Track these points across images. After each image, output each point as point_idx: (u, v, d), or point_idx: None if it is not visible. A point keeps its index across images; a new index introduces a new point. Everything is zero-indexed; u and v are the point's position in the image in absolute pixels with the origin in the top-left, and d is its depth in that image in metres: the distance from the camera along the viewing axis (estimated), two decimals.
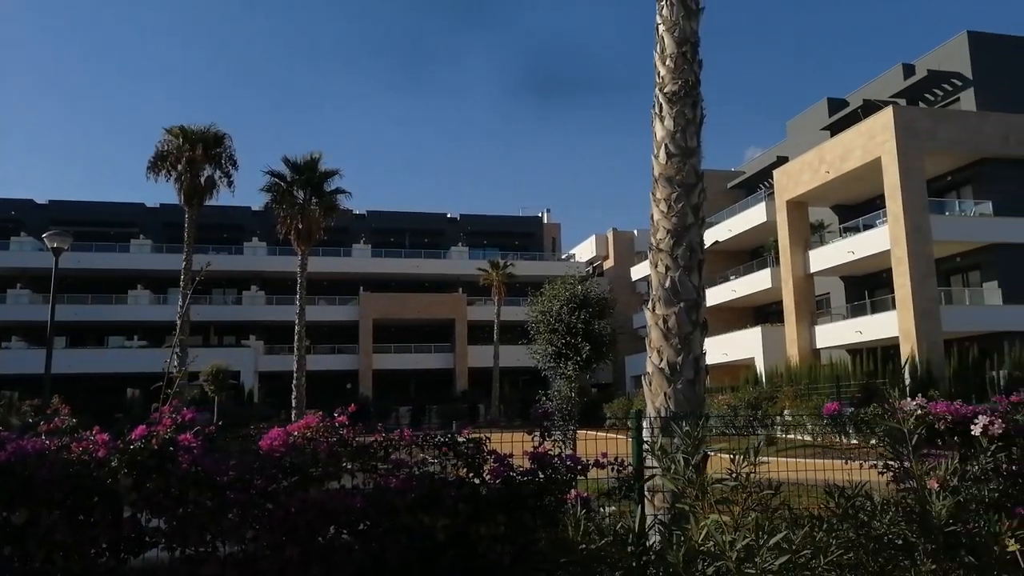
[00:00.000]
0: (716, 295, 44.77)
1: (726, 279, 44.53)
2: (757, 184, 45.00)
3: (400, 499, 3.84)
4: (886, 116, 30.75)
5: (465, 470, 4.20)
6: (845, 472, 5.03)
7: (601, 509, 4.70)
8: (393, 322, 54.67)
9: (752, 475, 3.82)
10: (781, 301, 37.10)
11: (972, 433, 4.40)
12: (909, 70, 36.47)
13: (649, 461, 4.52)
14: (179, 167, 32.12)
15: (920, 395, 4.56)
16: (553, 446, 4.30)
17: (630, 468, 4.39)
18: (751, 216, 41.85)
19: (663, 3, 6.16)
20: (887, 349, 30.82)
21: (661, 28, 6.22)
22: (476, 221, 63.43)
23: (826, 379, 29.89)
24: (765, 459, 3.84)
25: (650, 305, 6.03)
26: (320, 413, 4.23)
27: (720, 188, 48.51)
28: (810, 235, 37.46)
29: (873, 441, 5.13)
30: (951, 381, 27.30)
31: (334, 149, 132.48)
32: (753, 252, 44.25)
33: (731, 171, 50.57)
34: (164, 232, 53.64)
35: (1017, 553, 3.69)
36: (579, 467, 4.11)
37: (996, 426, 4.35)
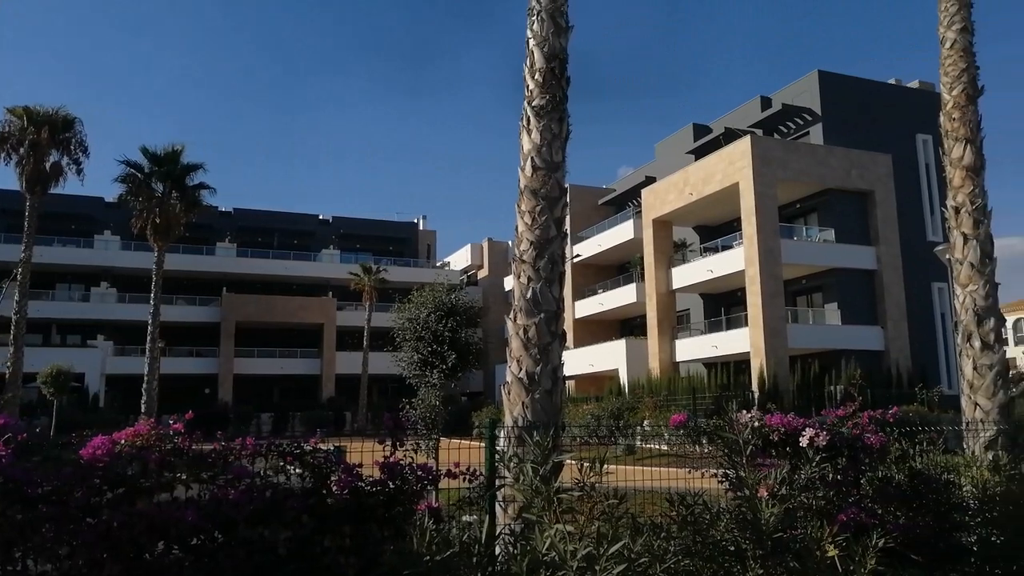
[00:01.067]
0: (585, 308, 46.04)
1: (594, 292, 45.86)
2: (626, 202, 46.68)
3: (238, 512, 3.65)
4: (744, 144, 32.72)
5: (312, 480, 4.05)
6: (691, 481, 5.24)
7: (462, 519, 4.66)
8: (258, 325, 52.56)
9: (599, 485, 3.90)
10: (645, 315, 38.57)
11: (800, 444, 4.69)
12: (766, 102, 38.98)
13: (503, 471, 4.54)
14: (20, 151, 29.59)
15: (756, 408, 4.81)
16: (404, 456, 4.22)
17: (482, 478, 4.38)
18: (620, 232, 43.33)
19: (534, 18, 6.26)
20: (739, 363, 32.69)
21: (531, 43, 6.31)
22: (349, 224, 62.18)
23: (684, 391, 31.34)
24: (611, 469, 3.93)
25: (512, 315, 6.08)
26: (153, 420, 3.96)
27: (592, 204, 49.97)
28: (673, 253, 39.20)
29: (709, 450, 5.39)
30: (795, 394, 29.28)
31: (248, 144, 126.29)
32: (621, 267, 45.81)
33: (603, 188, 52.18)
34: (1, 220, 49.23)
35: (835, 558, 3.96)
36: (430, 477, 4.05)
37: (821, 438, 4.65)
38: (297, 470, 4.10)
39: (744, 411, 4.65)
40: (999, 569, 5.49)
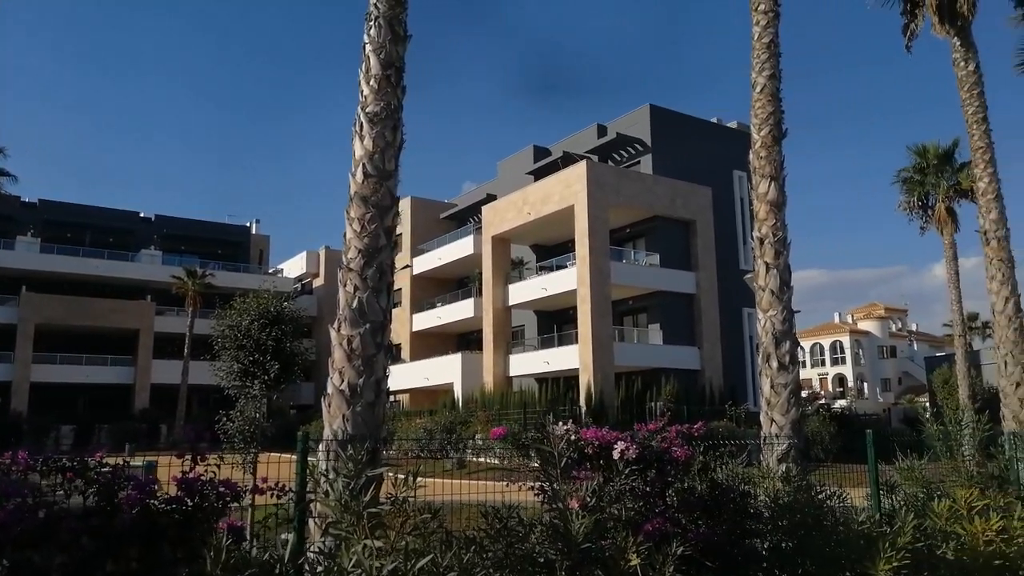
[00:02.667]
0: (423, 321, 45.86)
1: (433, 306, 45.81)
2: (468, 217, 47.13)
3: (3, 533, 3.24)
4: (581, 169, 34.06)
5: (97, 499, 3.68)
6: (515, 494, 5.28)
7: (280, 537, 4.42)
8: (63, 329, 47.90)
9: (413, 499, 3.83)
10: (482, 330, 38.99)
11: (612, 457, 4.86)
12: (602, 130, 40.83)
13: (322, 485, 4.35)
14: None
15: (572, 421, 4.93)
16: (207, 471, 3.94)
17: (292, 494, 4.17)
18: (460, 247, 43.63)
19: (371, 24, 6.15)
20: (569, 379, 33.77)
21: (368, 48, 6.20)
22: (174, 224, 58.31)
23: (516, 405, 31.89)
24: (440, 483, 3.87)
25: (335, 325, 5.89)
26: None
27: (434, 218, 50.01)
28: (511, 270, 39.98)
29: (535, 464, 5.48)
30: (619, 409, 30.64)
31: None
32: (460, 282, 46.10)
33: (445, 202, 52.39)
34: None
35: (638, 566, 4.11)
36: (232, 493, 3.80)
37: (631, 451, 4.84)
38: (79, 488, 3.71)
39: (560, 424, 4.75)
40: (787, 573, 5.93)
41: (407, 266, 45.86)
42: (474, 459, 27.11)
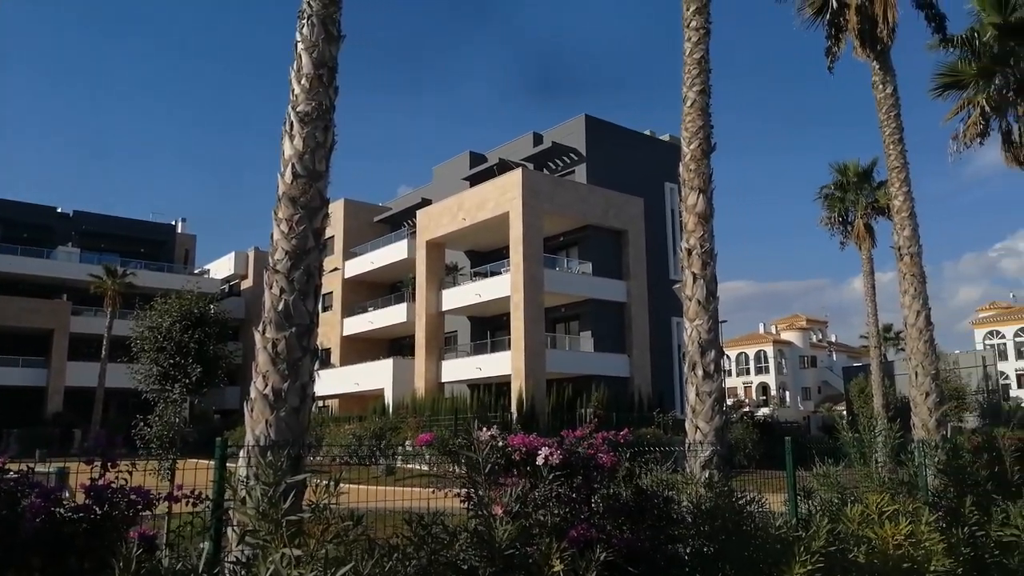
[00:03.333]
0: (354, 325, 45.25)
1: (365, 310, 45.26)
2: (402, 221, 46.77)
3: None
4: (516, 176, 34.23)
5: None
6: (443, 501, 5.24)
7: (199, 546, 4.27)
8: None
9: (335, 506, 3.76)
10: (415, 335, 38.71)
11: (537, 463, 4.88)
12: (538, 139, 41.14)
13: (241, 492, 4.23)
14: None
15: (496, 427, 4.93)
16: (118, 477, 3.79)
17: (209, 501, 4.05)
18: (393, 251, 43.26)
19: (304, 22, 6.05)
20: (501, 385, 33.82)
21: (300, 46, 6.09)
22: (94, 220, 56.09)
23: (447, 411, 31.77)
24: (345, 488, 3.80)
25: (260, 328, 5.75)
26: None
27: (368, 221, 49.46)
28: (445, 275, 39.84)
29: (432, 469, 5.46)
30: (550, 415, 30.82)
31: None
32: (393, 286, 45.67)
33: (379, 206, 51.87)
34: None
35: (562, 572, 4.13)
36: (144, 501, 3.66)
37: (555, 457, 4.87)
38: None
39: (485, 430, 4.74)
40: None
41: (336, 269, 45.20)
42: (404, 465, 26.87)
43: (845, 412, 46.67)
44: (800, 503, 8.37)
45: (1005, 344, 65.84)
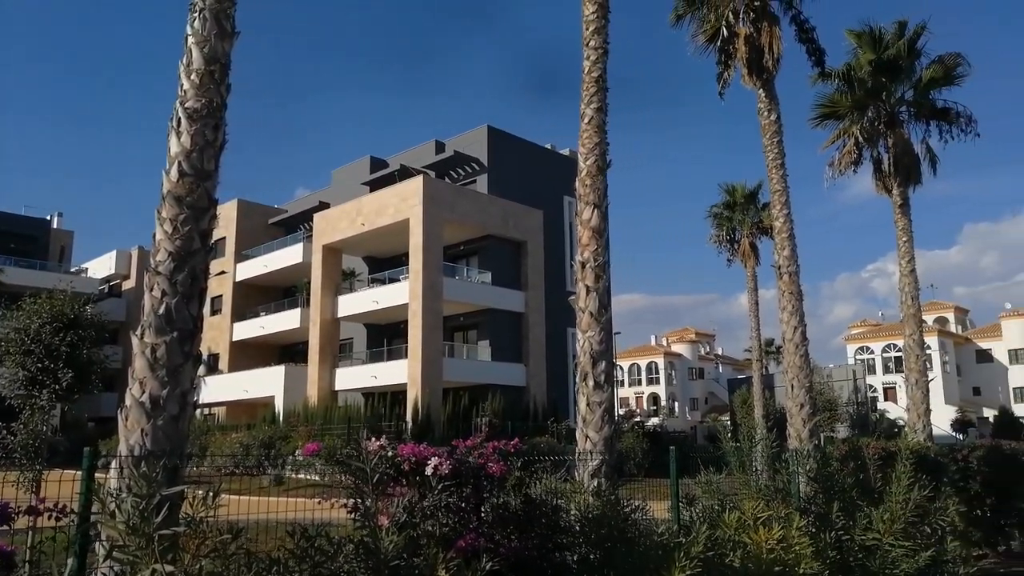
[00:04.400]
0: (244, 330, 43.72)
1: (257, 315, 43.82)
2: (299, 224, 45.64)
3: None
4: (417, 183, 34.06)
5: None
6: (326, 511, 5.12)
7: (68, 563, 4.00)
8: None
9: (213, 519, 3.62)
10: (308, 341, 37.77)
11: (426, 473, 4.86)
12: (440, 147, 41.09)
13: (110, 505, 4.00)
14: None
15: (385, 437, 4.89)
16: None
17: (74, 515, 3.81)
18: (288, 255, 42.12)
19: (196, 15, 5.83)
20: (397, 393, 33.46)
21: (191, 40, 5.87)
22: None
23: (340, 420, 31.14)
24: (225, 500, 3.67)
25: (138, 332, 5.48)
26: None
27: (262, 223, 47.96)
28: (341, 281, 39.12)
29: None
30: (445, 424, 30.72)
31: None
32: (287, 291, 44.46)
33: (275, 208, 50.40)
34: None
35: None
36: (1, 514, 3.41)
37: (444, 467, 4.87)
38: None
39: (374, 440, 4.69)
40: None
41: (223, 272, 43.61)
42: (294, 475, 26.13)
43: (729, 422, 48.72)
44: (684, 510, 8.66)
45: (874, 359, 70.43)
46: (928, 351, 64.87)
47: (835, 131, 19.32)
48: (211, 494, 3.44)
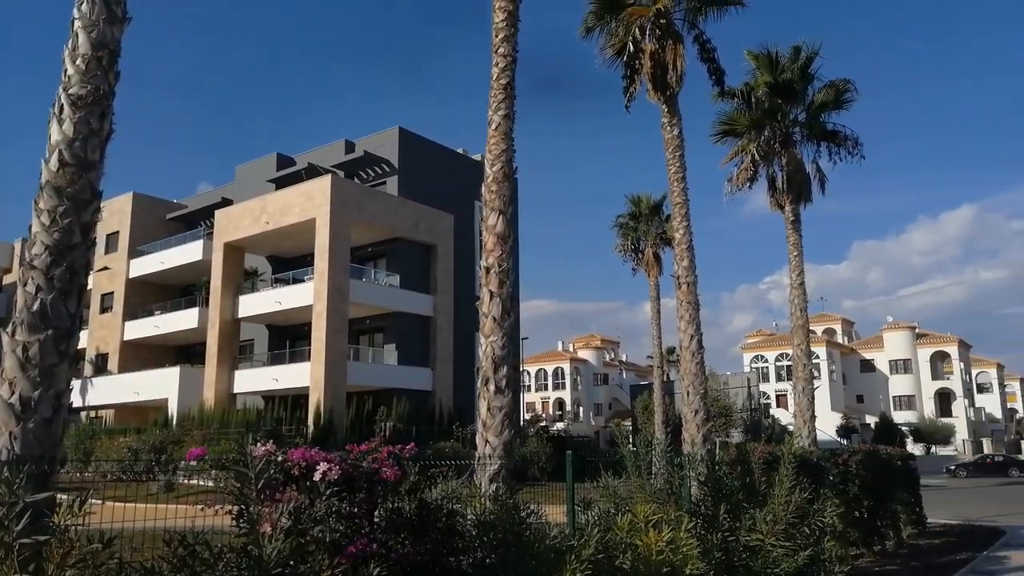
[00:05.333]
0: (137, 330, 41.76)
1: (151, 314, 41.93)
2: (199, 221, 43.94)
3: None
4: (325, 182, 33.42)
5: None
6: (215, 518, 4.94)
7: None
8: None
9: (82, 527, 3.45)
10: (206, 342, 36.42)
11: (314, 478, 4.77)
12: (350, 147, 40.47)
13: None
14: None
15: (272, 441, 4.77)
16: None
17: None
18: (187, 252, 40.50)
19: None
20: (299, 397, 32.68)
21: (77, 24, 5.58)
22: None
23: (238, 423, 30.15)
24: (94, 507, 3.50)
25: (9, 329, 5.16)
26: None
27: (159, 217, 45.97)
28: (243, 280, 37.92)
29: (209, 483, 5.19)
30: (348, 429, 30.21)
31: None
32: (184, 289, 42.73)
33: (174, 202, 48.39)
34: None
35: None
36: None
37: (334, 472, 4.79)
38: None
39: (260, 444, 4.57)
40: None
41: (106, 268, 41.57)
42: (186, 481, 25.11)
43: (631, 427, 49.89)
44: (580, 514, 8.81)
45: (768, 367, 73.57)
46: (816, 360, 68.42)
47: (734, 148, 20.13)
48: (78, 501, 3.27)
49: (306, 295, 33.27)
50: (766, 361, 74.32)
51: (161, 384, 37.46)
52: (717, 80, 16.61)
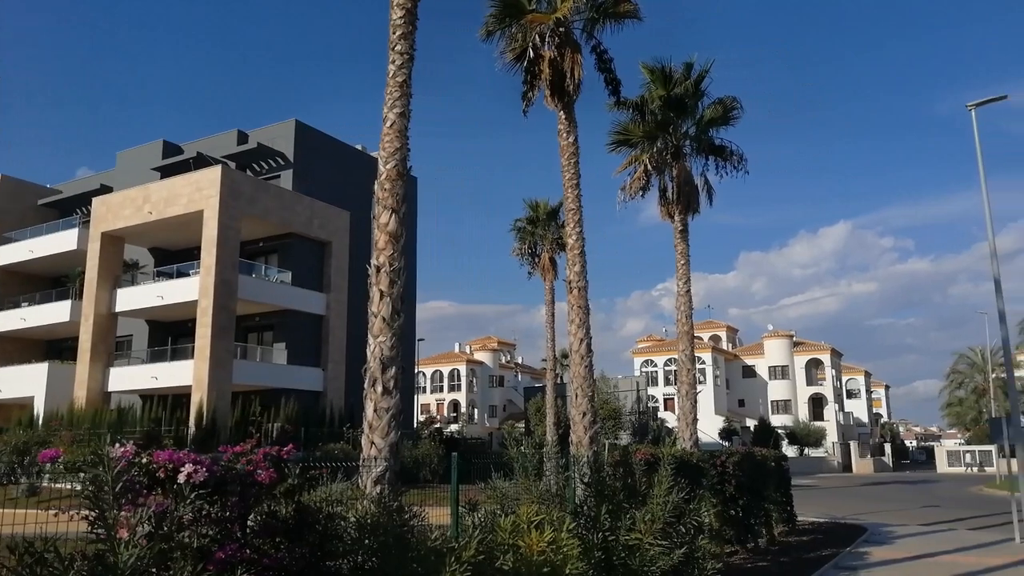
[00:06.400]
0: (2, 322, 38.85)
1: (17, 305, 39.12)
2: (75, 208, 41.34)
3: None
4: (215, 173, 32.11)
5: None
6: (59, 524, 4.62)
7: None
8: None
9: None
10: (79, 337, 34.27)
11: (179, 481, 4.56)
12: (243, 137, 39.06)
13: None
14: None
15: (131, 442, 4.53)
16: None
17: None
18: (60, 240, 38.02)
19: None
20: (181, 396, 31.24)
21: None
22: None
23: (112, 424, 28.53)
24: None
25: None
26: None
27: (31, 203, 43.02)
28: (122, 273, 35.93)
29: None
30: (233, 430, 29.10)
31: None
32: (56, 280, 40.09)
33: (47, 187, 45.33)
34: None
35: None
36: None
37: (199, 474, 4.59)
38: None
39: (118, 446, 4.32)
40: None
41: None
42: (52, 485, 23.53)
43: (524, 429, 50.38)
44: (467, 516, 8.81)
45: (657, 372, 75.93)
46: (703, 365, 71.24)
47: (628, 157, 20.68)
48: None
49: (191, 290, 31.83)
50: (655, 366, 76.68)
51: (27, 380, 35.01)
52: (613, 90, 17.01)
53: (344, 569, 6.25)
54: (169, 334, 35.71)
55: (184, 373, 31.26)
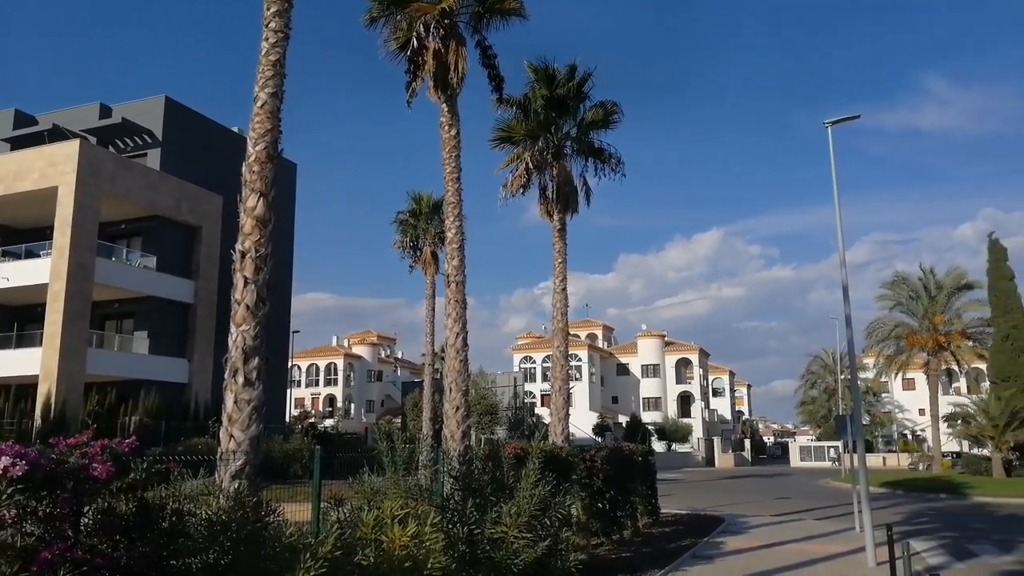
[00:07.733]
0: None
1: None
2: None
3: None
4: (72, 148, 29.89)
5: None
6: None
7: None
8: None
9: None
10: None
11: None
12: (106, 111, 36.57)
13: None
14: None
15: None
16: None
17: None
18: None
19: None
20: (27, 387, 28.88)
21: None
22: None
23: None
24: None
25: None
26: None
27: None
28: None
29: None
30: (85, 423, 27.19)
31: None
32: None
33: None
34: None
35: None
36: None
37: (18, 468, 4.23)
38: None
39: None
40: None
41: None
42: None
43: (400, 424, 49.88)
44: (333, 511, 8.58)
45: (535, 368, 77.09)
46: (579, 363, 72.92)
47: (510, 155, 20.80)
48: None
49: (41, 272, 29.47)
50: (534, 362, 77.80)
51: None
52: (497, 87, 17.04)
53: (194, 568, 5.94)
54: (15, 319, 32.93)
55: (31, 361, 28.91)
